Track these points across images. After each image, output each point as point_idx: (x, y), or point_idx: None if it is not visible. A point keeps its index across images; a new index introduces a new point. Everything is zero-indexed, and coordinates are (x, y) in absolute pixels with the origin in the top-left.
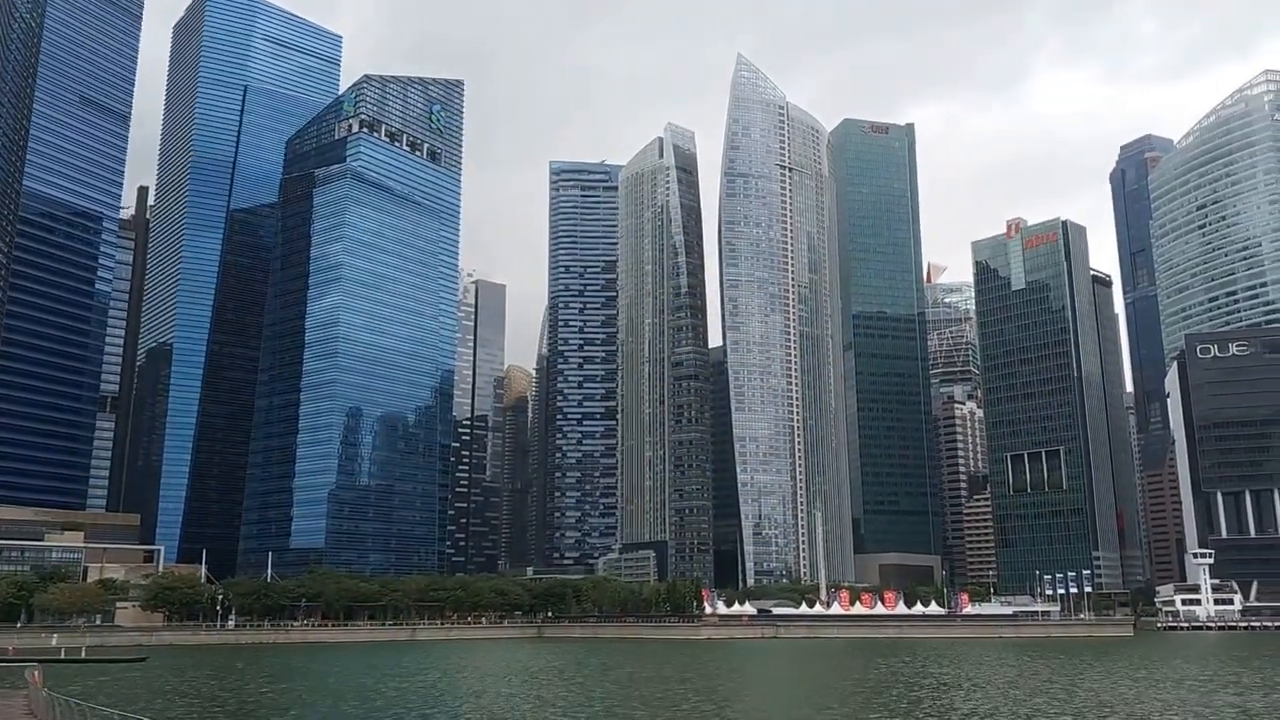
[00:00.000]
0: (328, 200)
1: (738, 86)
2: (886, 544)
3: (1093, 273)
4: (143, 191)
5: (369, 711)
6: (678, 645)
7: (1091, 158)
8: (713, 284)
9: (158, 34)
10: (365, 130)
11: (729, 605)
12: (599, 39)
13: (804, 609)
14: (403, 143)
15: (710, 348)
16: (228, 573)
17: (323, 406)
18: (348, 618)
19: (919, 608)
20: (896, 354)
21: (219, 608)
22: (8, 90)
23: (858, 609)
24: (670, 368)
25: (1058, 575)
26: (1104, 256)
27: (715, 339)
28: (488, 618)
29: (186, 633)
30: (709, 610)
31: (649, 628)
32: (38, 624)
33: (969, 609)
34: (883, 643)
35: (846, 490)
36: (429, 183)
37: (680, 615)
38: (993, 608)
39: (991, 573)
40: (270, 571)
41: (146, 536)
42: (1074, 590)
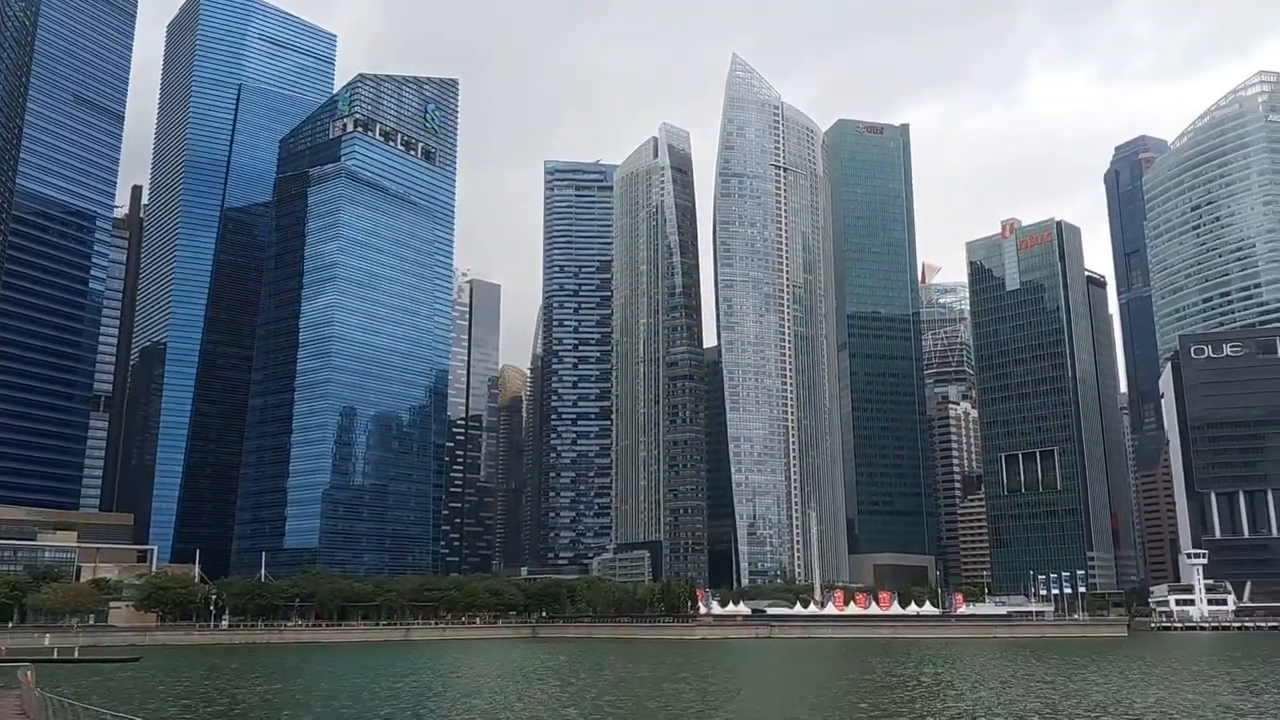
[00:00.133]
0: (322, 199)
1: (733, 86)
2: (881, 544)
3: (1087, 273)
4: (137, 190)
5: (361, 712)
6: (672, 645)
7: (1086, 158)
8: (707, 284)
9: (152, 32)
10: (360, 129)
11: (723, 605)
12: (594, 38)
13: (798, 609)
14: (397, 142)
15: (705, 348)
16: (221, 573)
17: (317, 406)
18: (342, 618)
19: (913, 608)
20: (891, 354)
21: (212, 608)
22: (1, 89)
23: (852, 609)
24: (665, 368)
25: (1052, 575)
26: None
27: (710, 339)
28: (482, 618)
29: (180, 633)
30: (703, 610)
31: (643, 628)
32: (31, 624)
33: (963, 609)
34: (877, 643)
35: (841, 490)
36: (424, 182)
37: (675, 615)
38: (987, 608)
39: (986, 573)
40: (264, 571)
41: (140, 536)
42: (1068, 590)
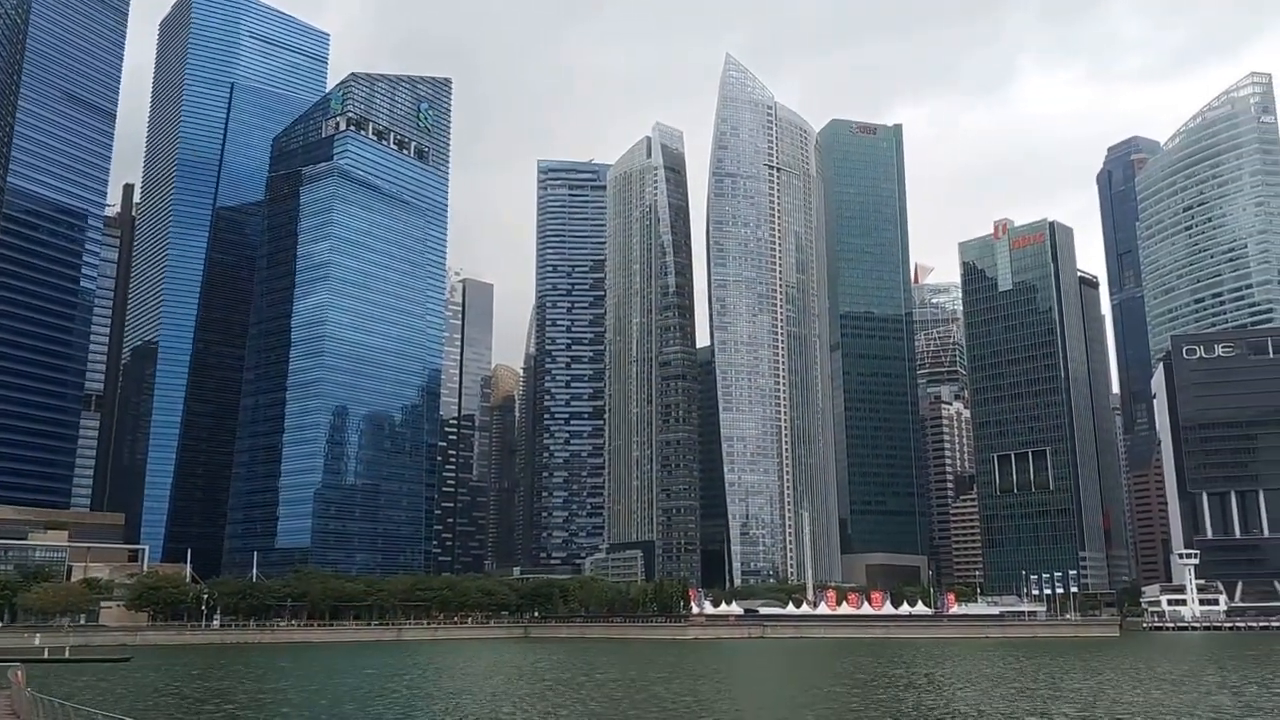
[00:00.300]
0: (314, 198)
1: (726, 86)
2: (873, 544)
3: (1080, 273)
4: (128, 189)
5: (352, 712)
6: (664, 645)
7: (1079, 158)
8: (701, 284)
9: (144, 30)
10: (352, 128)
11: (716, 605)
12: (587, 38)
13: (791, 609)
14: (390, 141)
15: (698, 347)
16: (213, 572)
17: (309, 406)
18: (333, 618)
19: (906, 608)
20: (884, 354)
21: (204, 607)
22: None
23: (845, 609)
24: (658, 367)
25: (1044, 575)
26: (1091, 257)
27: (703, 339)
28: (474, 618)
29: (171, 632)
30: (696, 610)
31: (636, 628)
32: (21, 624)
33: (955, 609)
34: (869, 643)
35: (834, 490)
36: (416, 181)
37: (667, 615)
38: (979, 608)
39: (978, 573)
40: (255, 571)
41: (131, 536)
42: (1060, 590)
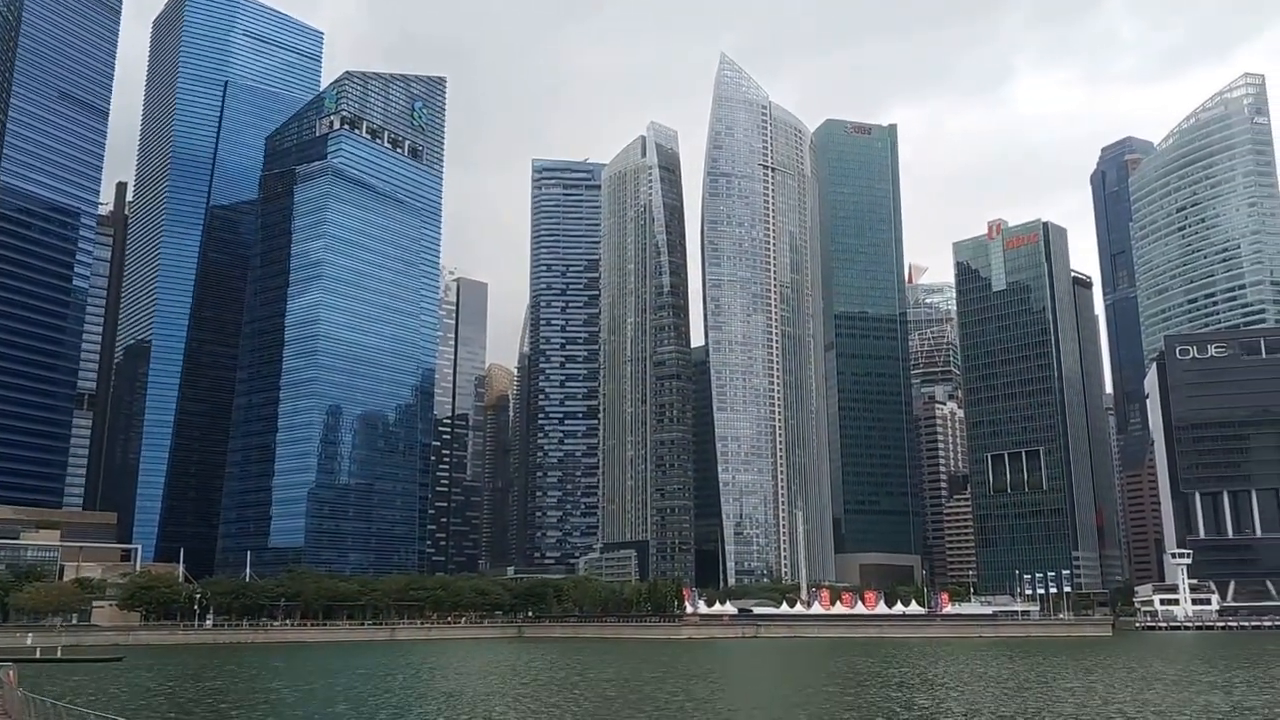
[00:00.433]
0: (308, 197)
1: (721, 86)
2: (867, 544)
3: (1073, 274)
4: (121, 187)
5: (345, 712)
6: (658, 645)
7: (1073, 159)
8: (695, 283)
9: (137, 28)
10: (346, 127)
11: (710, 605)
12: (582, 37)
13: (785, 608)
14: (384, 140)
15: (692, 347)
16: (206, 572)
17: (302, 405)
18: (327, 617)
19: (899, 607)
20: (878, 354)
21: (197, 607)
22: None
23: (838, 609)
24: (652, 367)
25: (1037, 575)
26: (1085, 257)
27: (697, 338)
28: (468, 617)
29: (164, 632)
30: (690, 610)
31: (630, 627)
32: (13, 623)
33: (949, 609)
34: (863, 642)
35: (827, 490)
36: (410, 180)
37: (661, 615)
38: (973, 607)
39: (971, 572)
40: (249, 571)
41: (123, 535)
42: (1053, 590)
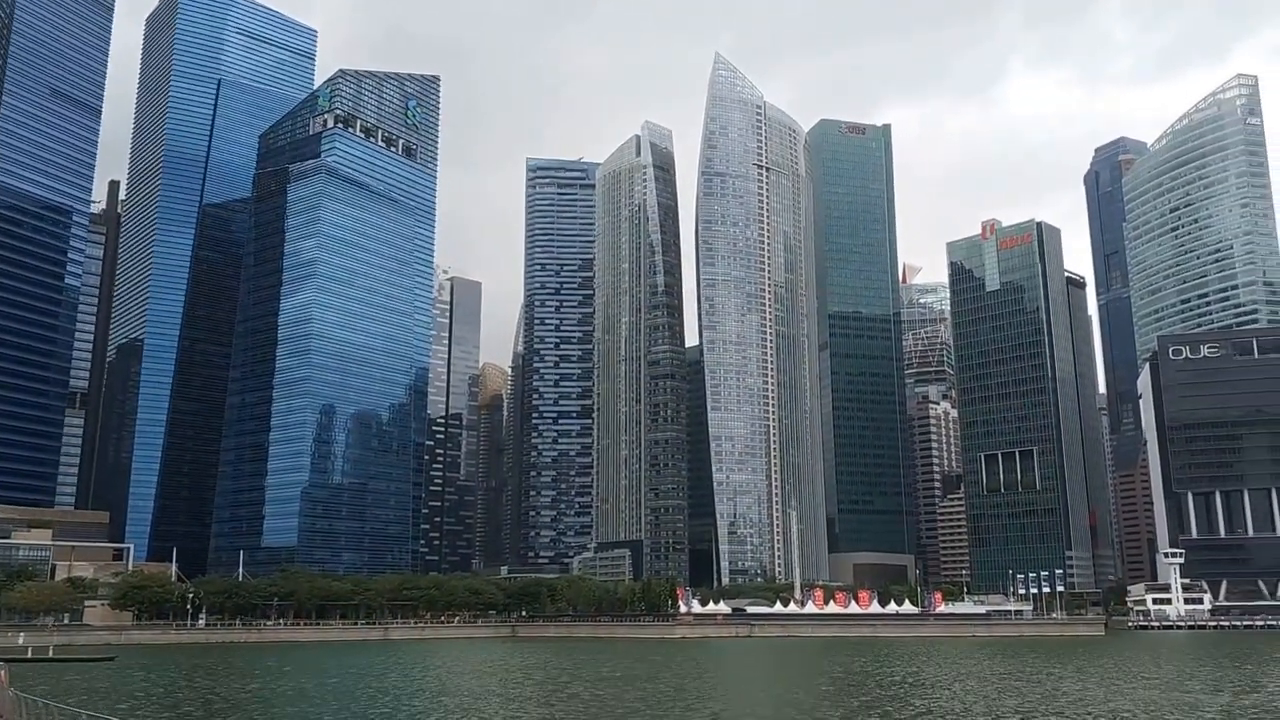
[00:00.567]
0: (302, 196)
1: (715, 86)
2: (861, 543)
3: (1067, 274)
4: (114, 185)
5: (337, 711)
6: (652, 644)
7: (1066, 159)
8: (689, 283)
9: (130, 26)
10: (340, 125)
11: (704, 604)
12: (577, 37)
13: (779, 608)
14: (378, 138)
15: (687, 347)
16: (198, 571)
17: (295, 404)
18: (320, 617)
19: (893, 607)
20: (872, 354)
21: (189, 607)
22: None
23: (832, 608)
24: (646, 367)
25: (1030, 575)
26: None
27: (692, 338)
28: (462, 617)
29: (156, 632)
30: (684, 609)
31: (623, 627)
32: (4, 623)
33: (942, 608)
34: (856, 642)
35: (821, 489)
36: (404, 179)
37: (655, 614)
38: (966, 607)
39: (965, 572)
40: (242, 570)
41: (116, 534)
42: (1046, 590)
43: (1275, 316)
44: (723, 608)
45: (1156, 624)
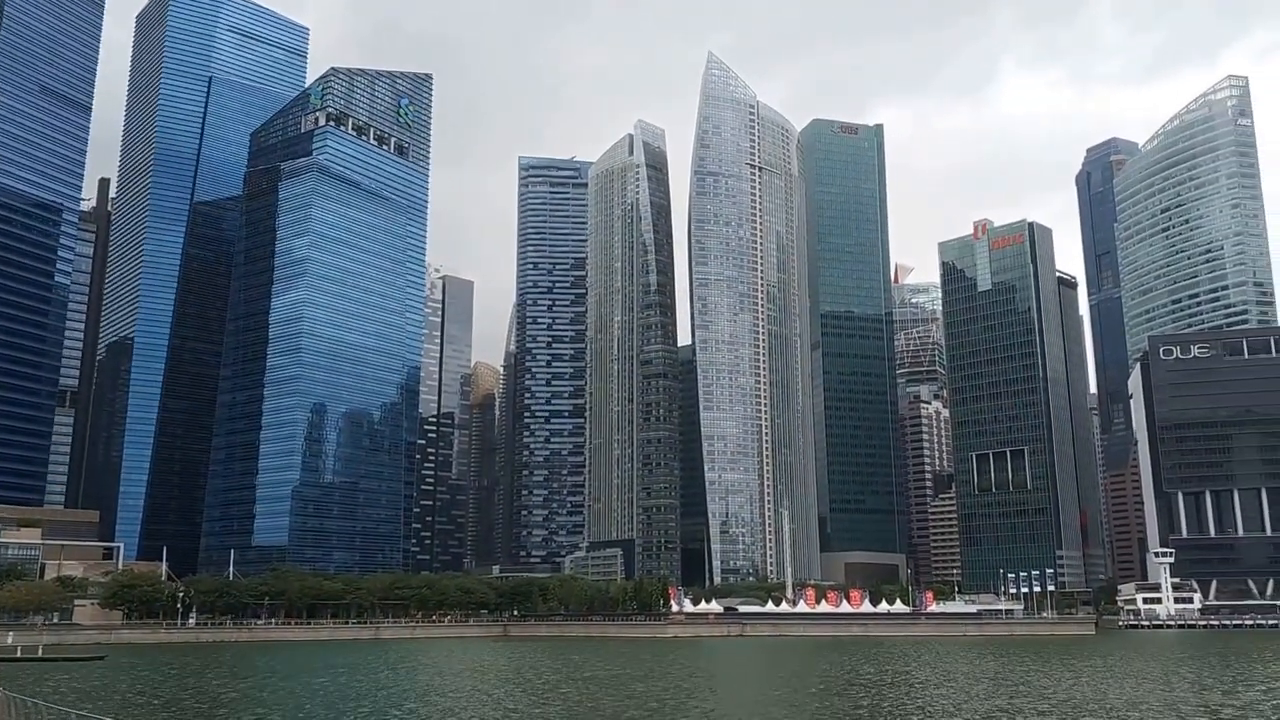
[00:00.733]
0: (293, 194)
1: (708, 85)
2: (852, 542)
3: (1058, 274)
4: (104, 183)
5: (329, 710)
6: (644, 643)
7: (1058, 160)
8: (682, 282)
9: (120, 23)
10: (332, 123)
11: (696, 603)
12: (570, 35)
13: (770, 607)
14: (370, 137)
15: (679, 346)
16: (189, 570)
17: (286, 403)
18: (311, 616)
19: (884, 606)
20: (864, 354)
21: (179, 606)
22: None
23: (824, 607)
24: (639, 366)
25: (1021, 574)
26: (1070, 258)
27: (684, 337)
28: (453, 616)
29: (146, 631)
30: (675, 608)
31: (615, 626)
32: None
33: (933, 607)
34: (848, 641)
35: (813, 489)
36: (396, 177)
37: (647, 613)
38: (957, 606)
39: (956, 571)
40: (232, 569)
41: (106, 533)
42: (1037, 589)
43: (1265, 317)
44: (715, 607)
45: (1147, 623)
